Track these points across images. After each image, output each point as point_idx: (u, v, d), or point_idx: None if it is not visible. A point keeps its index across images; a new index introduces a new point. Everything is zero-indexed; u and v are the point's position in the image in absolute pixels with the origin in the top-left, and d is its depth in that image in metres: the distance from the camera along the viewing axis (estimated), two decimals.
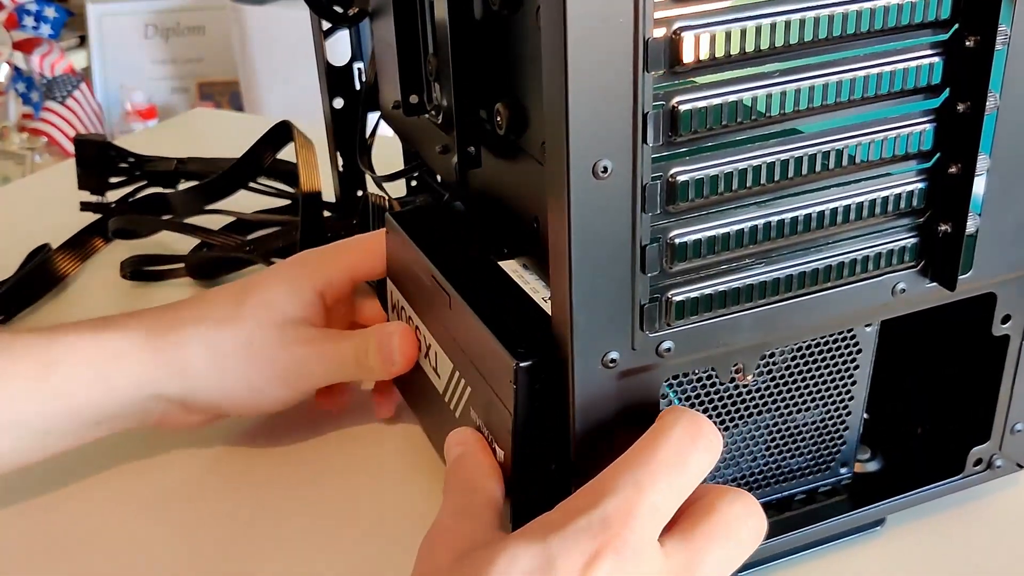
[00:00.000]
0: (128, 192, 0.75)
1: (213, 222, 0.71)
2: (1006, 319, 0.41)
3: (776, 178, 0.34)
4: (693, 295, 0.35)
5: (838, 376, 0.42)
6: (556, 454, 0.37)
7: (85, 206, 0.75)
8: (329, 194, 0.70)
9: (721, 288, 0.35)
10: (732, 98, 0.32)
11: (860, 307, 0.38)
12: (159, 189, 0.76)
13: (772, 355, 0.40)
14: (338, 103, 0.67)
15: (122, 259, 0.71)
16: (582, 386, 0.35)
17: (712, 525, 0.34)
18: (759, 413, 0.41)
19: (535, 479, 0.38)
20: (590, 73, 0.30)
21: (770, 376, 0.41)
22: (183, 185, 0.76)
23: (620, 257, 0.33)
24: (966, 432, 0.45)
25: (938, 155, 0.36)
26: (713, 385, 0.39)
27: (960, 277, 0.39)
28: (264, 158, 0.73)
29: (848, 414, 0.43)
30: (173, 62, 2.26)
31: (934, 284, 0.38)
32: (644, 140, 0.31)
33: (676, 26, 0.30)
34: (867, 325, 0.41)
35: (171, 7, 2.21)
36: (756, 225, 0.34)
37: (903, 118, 0.35)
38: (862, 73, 0.33)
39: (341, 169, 0.69)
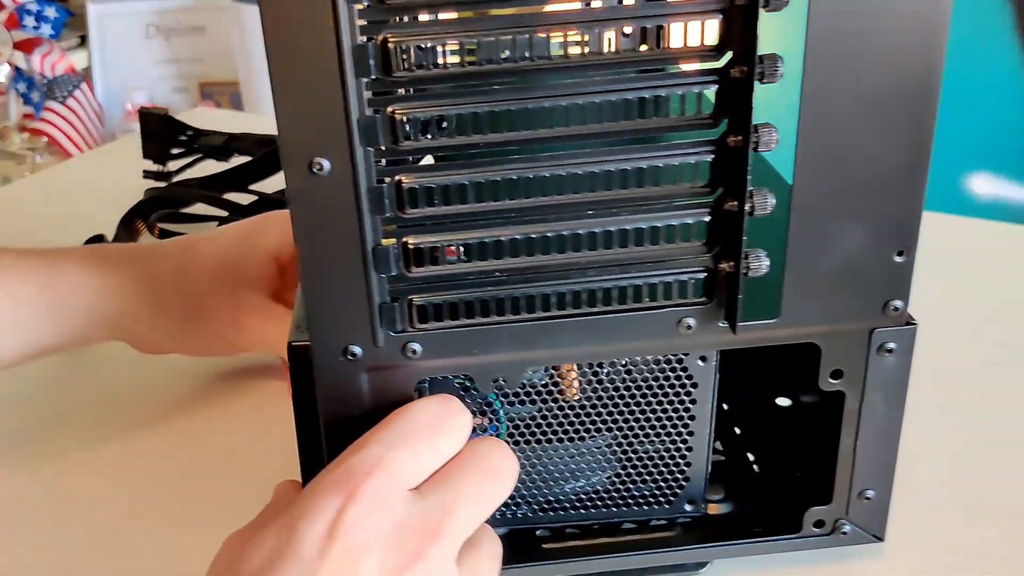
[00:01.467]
0: (187, 163, 0.82)
1: (244, 198, 0.76)
2: (837, 375, 0.38)
3: (518, 196, 0.33)
4: (436, 301, 0.35)
5: (672, 409, 0.41)
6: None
7: (147, 174, 0.82)
8: None
9: (467, 298, 0.35)
10: (456, 111, 0.32)
11: (640, 338, 0.37)
12: (215, 161, 0.82)
13: (600, 378, 0.40)
14: None
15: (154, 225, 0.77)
16: (324, 375, 0.36)
17: (461, 458, 0.35)
18: (594, 433, 0.41)
19: (317, 458, 0.40)
20: (294, 75, 0.31)
21: (599, 398, 0.40)
22: (236, 159, 0.82)
23: (350, 255, 0.34)
24: (807, 489, 0.42)
25: (720, 190, 0.34)
26: (543, 399, 0.40)
27: (767, 322, 0.37)
28: None
29: (689, 449, 0.42)
30: (174, 62, 2.27)
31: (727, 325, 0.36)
32: (363, 143, 0.32)
33: (384, 34, 0.31)
34: (701, 358, 0.39)
35: (171, 7, 2.23)
36: (501, 241, 0.34)
37: (673, 148, 0.34)
38: (613, 96, 0.32)
39: None
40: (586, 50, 0.31)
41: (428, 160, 0.36)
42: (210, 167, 0.82)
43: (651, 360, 0.39)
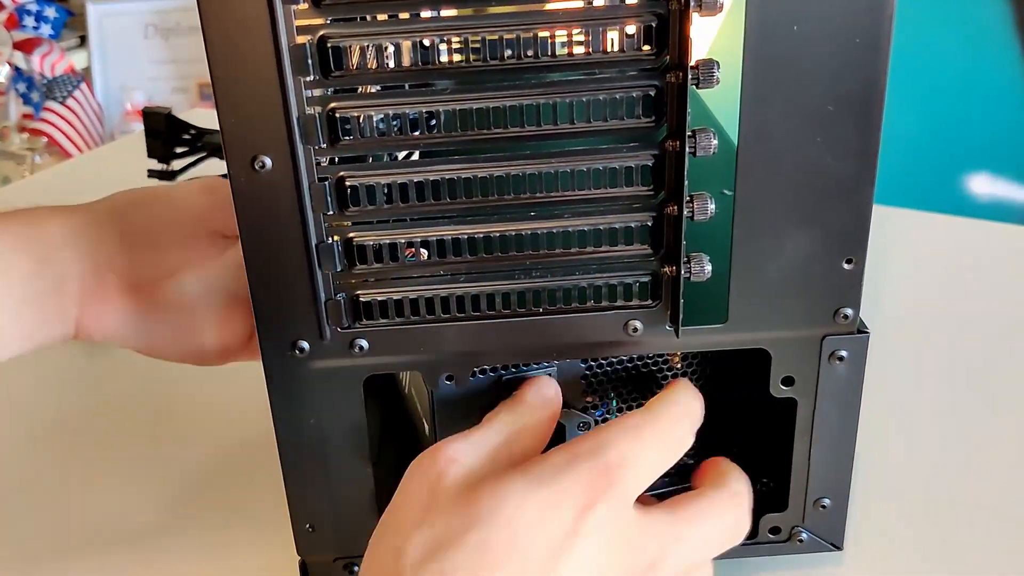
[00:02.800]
0: (191, 162, 0.83)
1: None
2: (788, 381, 0.38)
3: (460, 196, 0.34)
4: (381, 298, 0.35)
5: None
6: None
7: (152, 173, 0.83)
8: None
9: (412, 296, 0.35)
10: (397, 110, 0.32)
11: (587, 339, 0.37)
12: (218, 160, 0.83)
13: None
14: None
15: None
16: (272, 367, 0.36)
17: (699, 504, 0.35)
18: None
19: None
20: (235, 73, 0.31)
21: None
22: None
23: (293, 250, 0.34)
24: (765, 495, 0.42)
25: (663, 194, 0.34)
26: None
27: (713, 326, 0.37)
28: None
29: None
30: (173, 62, 2.23)
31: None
32: (303, 141, 0.32)
33: (320, 34, 0.31)
34: None
35: (171, 7, 2.20)
36: (444, 239, 0.34)
37: (615, 151, 0.34)
38: (553, 98, 0.32)
39: None
40: (527, 52, 0.32)
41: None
42: (214, 165, 0.83)
43: None
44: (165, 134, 0.81)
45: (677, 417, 0.35)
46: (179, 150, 0.85)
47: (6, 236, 0.42)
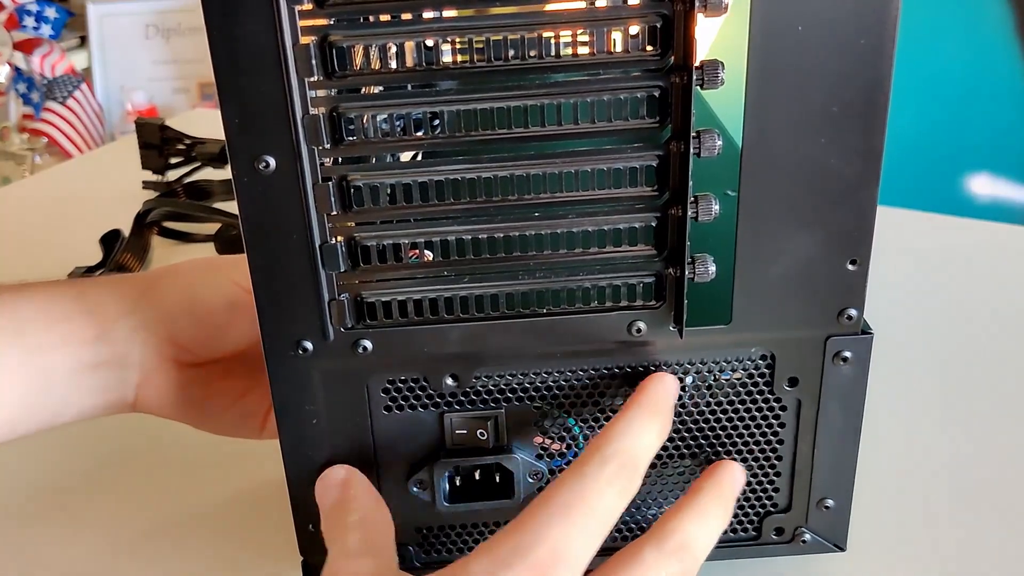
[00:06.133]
0: (186, 172, 0.83)
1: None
2: (793, 382, 0.38)
3: (464, 197, 0.34)
4: (385, 298, 0.35)
5: (760, 433, 0.40)
6: None
7: (147, 185, 0.84)
8: None
9: (416, 297, 0.35)
10: (400, 110, 0.32)
11: (591, 340, 0.37)
12: (212, 169, 0.83)
13: (683, 401, 0.38)
14: None
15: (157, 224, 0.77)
16: (276, 367, 0.36)
17: None
18: (677, 458, 0.40)
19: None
20: (238, 74, 0.31)
21: (683, 422, 0.39)
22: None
23: (297, 250, 0.34)
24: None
25: (667, 195, 0.34)
26: None
27: (717, 327, 0.37)
28: None
29: (777, 475, 0.41)
30: (174, 62, 2.22)
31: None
32: (307, 142, 0.32)
33: (324, 35, 0.31)
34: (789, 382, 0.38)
35: (171, 7, 2.19)
36: (448, 240, 0.34)
37: (619, 152, 0.34)
38: (558, 99, 0.32)
39: None
40: (531, 53, 0.32)
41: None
42: (208, 175, 0.83)
43: (736, 381, 0.38)
44: (159, 146, 0.82)
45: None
46: (173, 161, 0.85)
47: (64, 301, 0.41)
